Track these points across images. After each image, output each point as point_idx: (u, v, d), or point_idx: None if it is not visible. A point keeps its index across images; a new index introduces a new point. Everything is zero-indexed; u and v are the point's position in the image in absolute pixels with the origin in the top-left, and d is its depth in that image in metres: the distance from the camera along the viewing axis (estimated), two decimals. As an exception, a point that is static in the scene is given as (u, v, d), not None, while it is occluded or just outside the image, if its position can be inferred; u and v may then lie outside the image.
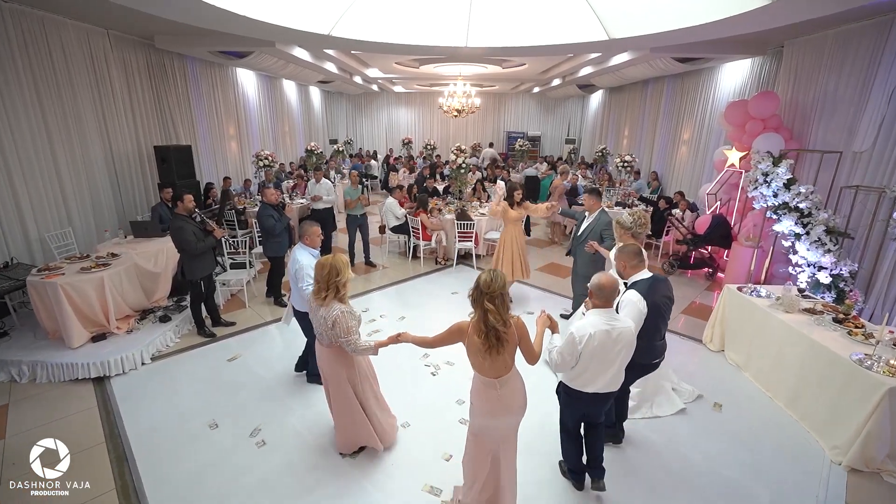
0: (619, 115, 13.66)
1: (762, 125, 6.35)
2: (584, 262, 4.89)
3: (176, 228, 4.63)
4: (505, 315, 2.34)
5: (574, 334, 2.55)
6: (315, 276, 2.85)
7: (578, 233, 4.93)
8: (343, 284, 2.83)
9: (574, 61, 9.76)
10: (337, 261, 2.82)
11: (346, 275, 2.83)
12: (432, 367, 4.54)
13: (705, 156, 9.11)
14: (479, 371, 2.48)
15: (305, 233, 3.76)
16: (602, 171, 12.33)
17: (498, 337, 2.31)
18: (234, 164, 10.47)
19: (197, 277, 4.86)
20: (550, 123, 18.95)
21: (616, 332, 2.55)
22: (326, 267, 2.79)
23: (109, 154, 6.84)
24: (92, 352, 4.41)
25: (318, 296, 2.84)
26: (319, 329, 2.90)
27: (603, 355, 2.56)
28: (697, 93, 9.37)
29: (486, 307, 2.31)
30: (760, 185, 5.45)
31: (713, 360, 4.72)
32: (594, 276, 2.63)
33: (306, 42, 6.62)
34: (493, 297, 2.31)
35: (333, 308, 2.80)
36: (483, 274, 2.39)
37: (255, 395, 4.06)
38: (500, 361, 2.38)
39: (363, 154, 16.49)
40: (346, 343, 2.81)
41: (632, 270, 3.03)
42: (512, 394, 2.48)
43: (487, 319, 2.31)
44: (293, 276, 3.67)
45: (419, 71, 11.44)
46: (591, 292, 2.62)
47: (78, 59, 6.20)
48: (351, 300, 6.19)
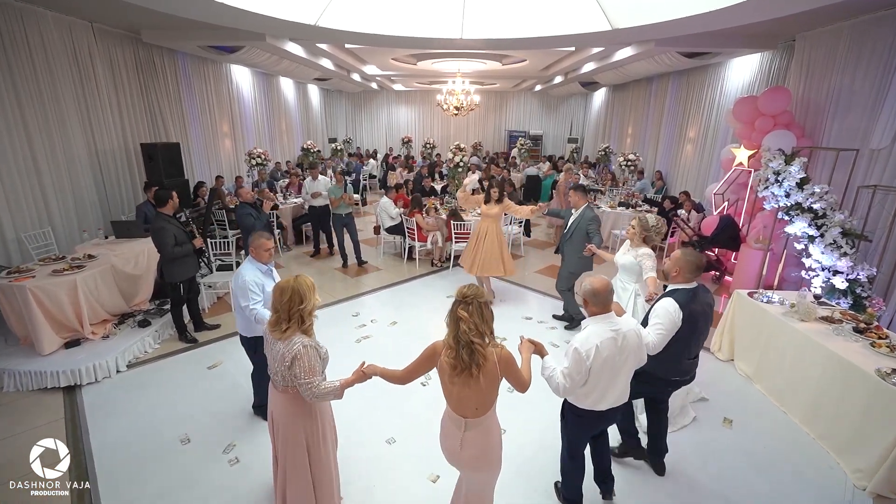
0: (623, 113, 13.37)
1: (772, 122, 6.06)
2: (573, 260, 4.82)
3: (156, 229, 4.39)
4: (483, 327, 1.98)
5: (579, 350, 2.28)
6: (273, 304, 2.26)
7: (565, 230, 4.95)
8: (308, 313, 2.25)
9: (576, 56, 9.48)
10: (300, 284, 2.23)
11: (313, 301, 2.26)
12: (423, 377, 4.27)
13: (711, 154, 8.82)
14: (447, 400, 2.14)
15: (251, 244, 3.19)
16: (605, 171, 12.05)
17: (471, 353, 1.93)
18: (227, 162, 10.23)
19: (176, 280, 4.62)
20: (553, 122, 18.65)
21: (621, 338, 2.32)
22: (288, 292, 2.21)
23: (94, 151, 6.61)
24: (63, 359, 4.18)
25: (276, 328, 2.24)
26: (274, 367, 2.28)
27: (612, 366, 2.33)
28: (703, 90, 9.08)
29: (458, 315, 1.99)
30: (771, 184, 5.16)
31: (722, 371, 4.44)
32: (585, 282, 2.38)
33: (293, 33, 6.36)
34: (469, 304, 1.99)
35: (294, 342, 2.19)
36: (461, 287, 2.11)
37: (232, 407, 3.81)
38: (471, 392, 2.00)
39: (361, 153, 16.26)
40: (305, 387, 2.17)
41: (684, 281, 2.74)
42: (479, 445, 2.10)
43: (461, 332, 1.96)
44: (234, 291, 3.19)
45: (417, 68, 11.19)
46: (585, 300, 2.38)
47: (59, 53, 5.96)
48: (341, 304, 5.97)
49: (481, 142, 18.19)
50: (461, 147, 8.72)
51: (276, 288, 2.29)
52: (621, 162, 9.79)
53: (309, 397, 2.21)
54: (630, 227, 3.71)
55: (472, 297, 2.01)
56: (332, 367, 2.53)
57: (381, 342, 4.91)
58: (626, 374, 2.43)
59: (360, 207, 11.86)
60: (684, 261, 2.71)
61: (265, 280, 3.18)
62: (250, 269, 3.16)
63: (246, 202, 5.23)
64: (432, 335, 5.01)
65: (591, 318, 2.38)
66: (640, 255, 3.58)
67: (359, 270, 7.22)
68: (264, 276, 3.19)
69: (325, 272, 7.25)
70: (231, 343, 4.88)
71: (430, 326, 5.27)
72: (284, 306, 2.21)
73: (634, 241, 3.66)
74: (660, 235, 3.67)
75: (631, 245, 3.72)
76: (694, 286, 2.73)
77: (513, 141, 17.61)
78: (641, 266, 3.56)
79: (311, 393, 2.18)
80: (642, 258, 3.55)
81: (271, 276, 3.25)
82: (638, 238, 3.63)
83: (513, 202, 5.76)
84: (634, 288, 3.67)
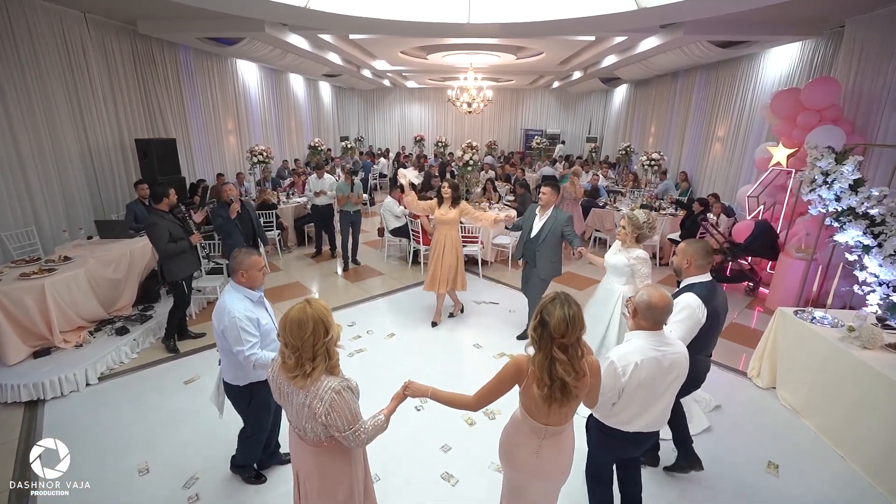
0: (646, 110, 12.71)
1: (818, 117, 5.43)
2: (545, 267, 4.32)
3: (149, 225, 4.16)
4: (578, 364, 1.72)
5: (615, 364, 2.02)
6: (287, 342, 1.72)
7: (532, 234, 4.34)
8: (334, 344, 1.79)
9: (597, 48, 8.88)
10: (318, 310, 1.73)
11: (336, 329, 1.80)
12: (418, 399, 3.79)
13: (743, 154, 8.16)
14: (527, 410, 1.88)
15: (241, 265, 2.44)
16: (626, 171, 11.41)
17: (565, 390, 1.71)
18: (231, 159, 9.94)
19: (177, 278, 4.31)
20: (571, 120, 18.00)
21: (668, 360, 2.03)
22: (308, 325, 1.69)
23: (86, 147, 6.33)
24: (27, 370, 3.83)
25: (293, 373, 1.72)
26: (300, 422, 1.81)
27: (651, 388, 2.06)
28: (735, 84, 8.41)
29: (554, 356, 1.69)
30: (819, 186, 4.54)
31: (762, 401, 3.85)
32: (641, 293, 2.06)
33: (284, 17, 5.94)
34: (567, 346, 1.70)
35: (322, 389, 1.71)
36: (552, 303, 1.73)
37: (201, 432, 3.40)
38: (561, 408, 1.80)
39: (373, 152, 15.90)
40: (351, 437, 1.75)
41: (696, 271, 2.60)
42: (556, 452, 1.89)
43: (555, 371, 1.69)
44: (220, 333, 2.43)
45: (428, 62, 10.73)
46: (636, 311, 2.07)
47: (48, 44, 5.67)
48: (337, 312, 5.53)
49: (496, 140, 17.67)
50: (473, 145, 8.23)
51: (289, 322, 1.71)
52: (644, 162, 9.14)
53: (356, 445, 1.82)
54: (620, 227, 3.39)
55: (573, 336, 1.69)
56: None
57: (374, 357, 4.46)
58: (668, 398, 2.14)
59: (367, 207, 11.49)
60: (692, 249, 2.59)
61: (258, 312, 2.49)
62: (238, 300, 2.43)
63: (225, 202, 4.82)
64: (430, 352, 4.54)
65: (637, 332, 2.09)
66: (633, 257, 3.32)
67: (360, 275, 6.80)
68: (256, 307, 2.49)
69: (326, 275, 6.86)
70: (213, 355, 4.48)
71: (431, 341, 4.79)
72: (307, 343, 1.70)
73: (627, 241, 3.38)
74: (653, 230, 3.43)
75: (623, 245, 3.42)
76: (710, 278, 2.60)
77: (529, 140, 17.04)
78: (633, 270, 3.33)
79: (359, 441, 1.80)
80: (636, 262, 3.31)
81: (263, 305, 2.59)
82: (630, 238, 3.35)
83: (471, 206, 4.96)
84: (622, 290, 3.41)
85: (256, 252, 2.53)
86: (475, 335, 4.93)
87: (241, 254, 2.48)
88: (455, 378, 4.04)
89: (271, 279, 6.50)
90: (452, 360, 4.41)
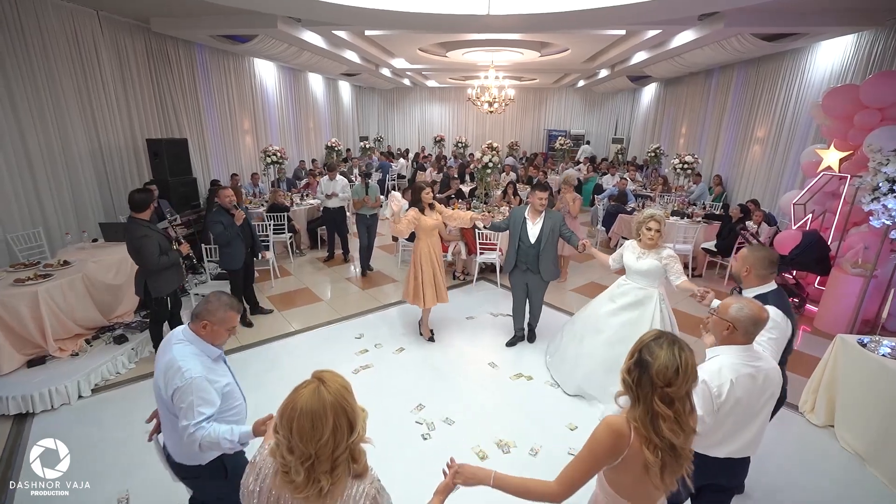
0: (676, 110, 12.08)
1: (878, 116, 4.86)
2: (549, 269, 4.23)
3: (139, 238, 3.71)
4: (686, 421, 1.34)
5: (708, 385, 1.75)
6: (289, 446, 1.21)
7: (532, 240, 4.19)
8: (360, 441, 1.29)
9: (626, 43, 8.38)
10: (337, 394, 1.22)
11: (363, 418, 1.30)
12: (425, 426, 3.47)
13: (786, 157, 7.55)
14: (617, 490, 1.46)
15: (211, 315, 1.88)
16: (655, 174, 10.84)
17: (674, 453, 1.32)
18: (247, 160, 9.82)
19: (163, 294, 4.03)
20: (596, 120, 17.39)
21: (762, 376, 1.81)
22: (325, 421, 1.18)
23: (97, 147, 6.23)
24: (17, 381, 3.66)
25: (303, 492, 1.21)
26: None
27: (746, 408, 1.82)
28: (778, 81, 7.79)
29: (656, 409, 1.32)
30: (883, 194, 4.02)
31: (817, 441, 3.37)
32: (739, 307, 1.80)
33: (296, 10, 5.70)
34: (673, 399, 1.32)
35: (355, 494, 1.25)
36: (656, 342, 1.36)
37: (190, 456, 3.14)
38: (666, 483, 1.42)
39: (391, 152, 15.68)
40: None
41: (757, 280, 2.41)
42: None
43: (659, 429, 1.31)
44: (164, 399, 1.85)
45: (448, 60, 10.40)
46: (734, 325, 1.79)
47: (59, 41, 5.57)
48: (345, 322, 5.23)
49: (518, 141, 17.22)
50: (493, 146, 7.85)
51: (297, 416, 1.18)
52: (676, 165, 8.56)
53: None
54: (653, 231, 3.32)
55: (678, 384, 1.31)
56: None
57: (381, 375, 4.14)
58: (764, 418, 1.89)
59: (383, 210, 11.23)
60: (753, 257, 2.39)
61: (217, 372, 1.92)
62: (194, 357, 1.85)
63: (223, 207, 4.54)
64: (444, 369, 4.20)
65: (725, 346, 1.84)
66: (665, 256, 3.30)
67: (373, 281, 6.52)
68: (215, 365, 1.94)
69: (336, 281, 6.60)
70: (212, 367, 4.27)
71: (441, 358, 4.45)
72: (324, 449, 1.18)
73: (659, 243, 3.38)
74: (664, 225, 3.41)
75: (651, 249, 3.37)
76: (776, 287, 2.39)
77: (552, 140, 16.54)
78: (668, 269, 3.29)
79: None
80: (669, 261, 3.29)
81: (223, 362, 2.02)
82: (660, 239, 3.36)
83: (446, 207, 4.60)
84: (658, 293, 3.40)
85: (237, 308, 1.97)
86: (490, 353, 4.56)
87: (217, 302, 1.91)
88: (472, 408, 3.68)
89: (280, 285, 6.28)
90: (468, 381, 4.04)
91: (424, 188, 4.33)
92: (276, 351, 4.60)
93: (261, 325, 5.09)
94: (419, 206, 4.28)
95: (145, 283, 3.92)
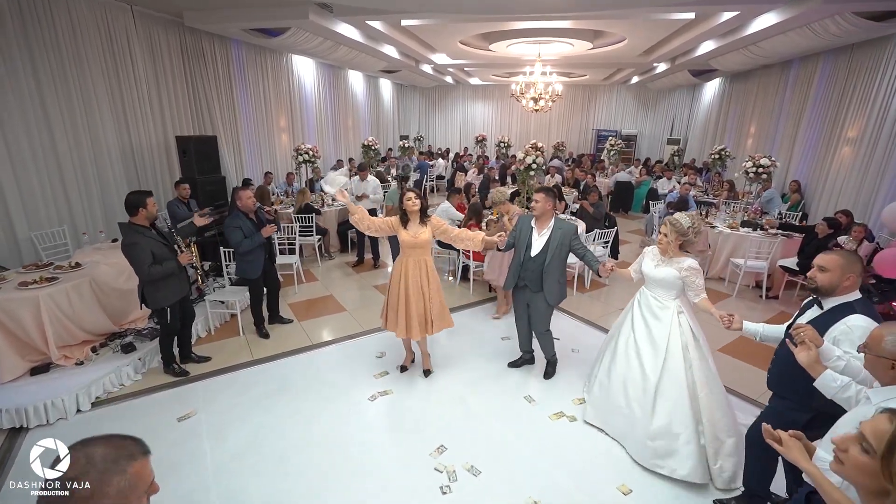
0: (744, 108, 10.91)
1: None
2: (553, 289, 3.58)
3: (127, 245, 3.41)
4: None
5: None
6: None
7: (535, 252, 3.57)
8: None
9: (693, 31, 7.47)
10: None
11: None
12: (445, 475, 2.92)
13: (885, 160, 6.45)
14: None
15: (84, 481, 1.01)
16: (718, 178, 9.75)
17: None
18: (283, 159, 9.65)
19: (161, 306, 3.68)
20: (650, 120, 16.22)
21: None
22: None
23: (128, 145, 6.12)
24: (13, 392, 3.43)
25: None
26: None
27: None
28: (879, 70, 6.67)
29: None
30: None
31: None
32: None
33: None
34: None
35: None
36: None
37: (184, 490, 2.75)
38: None
39: (431, 152, 15.25)
40: None
41: (850, 290, 2.14)
42: None
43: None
44: None
45: (492, 54, 9.80)
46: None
47: (91, 37, 5.47)
48: (365, 337, 4.73)
49: (564, 142, 16.36)
50: (538, 146, 7.18)
51: None
52: (747, 167, 7.52)
53: None
54: (661, 234, 3.02)
55: None
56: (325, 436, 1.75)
57: (401, 405, 3.62)
58: None
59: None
60: (849, 263, 2.11)
61: None
62: None
63: (243, 211, 4.17)
64: (472, 402, 3.63)
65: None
66: (685, 268, 2.94)
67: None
68: None
69: (363, 288, 6.18)
70: (218, 384, 3.91)
71: (474, 387, 3.87)
72: None
73: (669, 251, 2.99)
74: (699, 235, 3.04)
75: (664, 255, 3.02)
76: (860, 295, 2.16)
77: (601, 141, 15.55)
78: (686, 283, 2.94)
79: None
80: (689, 274, 2.92)
81: None
82: (674, 246, 2.97)
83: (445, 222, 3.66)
84: (675, 305, 3.01)
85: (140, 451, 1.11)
86: (526, 383, 3.95)
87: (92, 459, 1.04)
88: (503, 456, 3.11)
89: (304, 291, 5.93)
90: (499, 421, 3.43)
91: (407, 193, 3.52)
92: (290, 367, 4.20)
93: (277, 336, 4.72)
94: (402, 216, 3.53)
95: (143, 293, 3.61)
